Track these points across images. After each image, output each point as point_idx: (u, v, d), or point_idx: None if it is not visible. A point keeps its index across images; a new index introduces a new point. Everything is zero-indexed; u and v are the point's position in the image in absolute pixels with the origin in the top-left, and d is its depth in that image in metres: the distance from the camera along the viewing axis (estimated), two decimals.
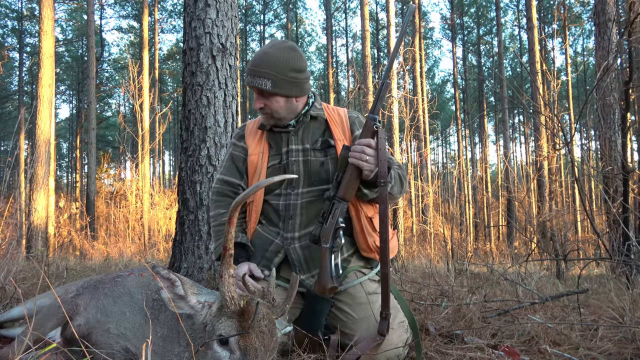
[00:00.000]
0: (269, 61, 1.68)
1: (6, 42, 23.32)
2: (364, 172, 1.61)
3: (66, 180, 33.10)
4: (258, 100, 1.74)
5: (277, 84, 1.69)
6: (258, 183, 1.25)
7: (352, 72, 19.69)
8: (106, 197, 14.51)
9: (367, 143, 1.59)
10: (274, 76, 1.68)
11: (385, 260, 1.57)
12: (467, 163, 25.75)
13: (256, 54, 1.74)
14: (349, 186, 1.63)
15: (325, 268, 1.63)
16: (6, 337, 1.75)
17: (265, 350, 1.19)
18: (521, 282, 2.99)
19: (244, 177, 1.89)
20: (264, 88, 1.69)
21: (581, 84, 24.51)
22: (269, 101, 1.73)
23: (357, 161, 1.58)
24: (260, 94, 1.73)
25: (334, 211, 1.64)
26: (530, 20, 11.86)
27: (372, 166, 1.60)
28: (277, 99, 1.73)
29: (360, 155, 1.58)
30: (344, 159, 1.64)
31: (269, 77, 1.68)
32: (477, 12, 26.83)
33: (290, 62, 1.70)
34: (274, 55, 1.69)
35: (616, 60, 5.65)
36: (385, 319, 1.58)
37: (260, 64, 1.69)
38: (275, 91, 1.70)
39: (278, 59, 1.68)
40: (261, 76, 1.68)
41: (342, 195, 1.64)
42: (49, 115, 8.32)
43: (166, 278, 1.26)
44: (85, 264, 5.50)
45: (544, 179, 10.48)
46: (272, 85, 1.69)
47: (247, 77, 1.74)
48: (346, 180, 1.63)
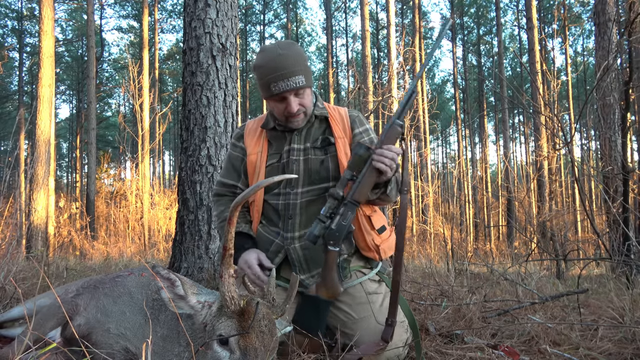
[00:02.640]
0: (291, 58, 1.66)
1: (6, 42, 23.33)
2: (381, 177, 1.57)
3: (66, 180, 33.12)
4: (294, 102, 1.68)
5: (306, 76, 1.69)
6: (258, 183, 1.24)
7: (352, 72, 19.70)
8: (106, 197, 14.50)
9: (397, 151, 1.56)
10: (302, 70, 1.67)
11: (398, 268, 1.56)
12: (467, 163, 25.75)
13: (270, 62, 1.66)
14: (366, 189, 1.58)
15: (333, 271, 1.60)
16: (6, 337, 1.75)
17: (265, 350, 1.19)
18: (521, 282, 2.99)
19: (240, 178, 1.89)
20: (301, 84, 1.66)
21: (581, 84, 24.50)
22: (303, 98, 1.72)
23: (386, 167, 1.53)
24: (296, 94, 1.69)
25: (346, 213, 1.58)
26: (530, 20, 11.85)
27: (391, 176, 1.58)
28: (307, 92, 1.73)
29: (391, 163, 1.54)
30: (361, 159, 1.57)
31: (301, 72, 1.66)
32: (477, 12, 26.83)
33: (302, 53, 1.72)
34: (290, 52, 1.67)
35: (616, 60, 5.65)
36: (390, 326, 1.57)
37: (287, 64, 1.64)
38: (308, 84, 1.69)
39: (296, 54, 1.68)
40: (295, 74, 1.64)
41: (358, 198, 1.58)
42: (49, 115, 8.32)
43: (166, 278, 1.26)
44: (85, 264, 5.49)
45: (544, 179, 10.48)
46: (304, 79, 1.67)
47: (276, 85, 1.65)
48: (364, 182, 1.57)
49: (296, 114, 1.72)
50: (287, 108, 1.69)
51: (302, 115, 1.75)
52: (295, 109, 1.69)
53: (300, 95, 1.70)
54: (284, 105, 1.70)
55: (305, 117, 1.77)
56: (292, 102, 1.68)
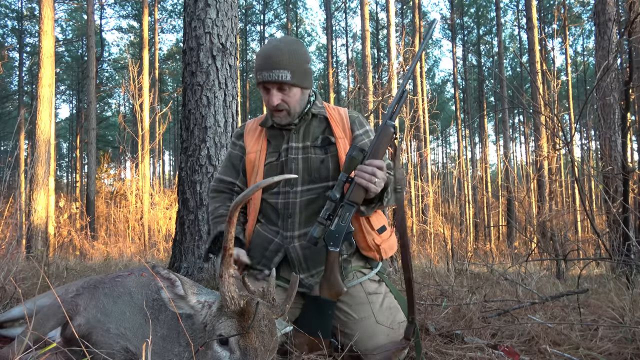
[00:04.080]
0: (284, 53, 1.65)
1: (6, 42, 23.34)
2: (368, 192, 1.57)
3: (66, 180, 33.12)
4: (275, 96, 1.68)
5: (295, 74, 1.66)
6: (258, 183, 1.24)
7: (352, 72, 19.69)
8: (106, 197, 14.50)
9: (378, 165, 1.55)
10: (292, 67, 1.65)
11: (407, 265, 1.56)
12: (467, 163, 25.75)
13: (265, 51, 1.68)
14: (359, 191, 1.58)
15: (336, 272, 1.60)
16: (6, 337, 1.75)
17: (265, 350, 1.19)
18: (521, 282, 2.99)
19: (239, 176, 1.89)
20: (284, 80, 1.64)
21: (581, 84, 24.51)
22: (288, 95, 1.69)
23: (367, 183, 1.54)
24: (279, 89, 1.68)
25: (344, 214, 1.58)
26: (530, 20, 11.85)
27: (378, 189, 1.56)
28: (294, 91, 1.70)
29: (371, 178, 1.53)
30: (355, 161, 1.58)
31: (288, 68, 1.64)
32: (477, 12, 26.84)
33: (302, 53, 1.70)
34: (286, 47, 1.67)
35: (616, 60, 5.65)
36: (412, 323, 1.57)
37: (276, 56, 1.64)
38: (294, 82, 1.67)
39: (292, 51, 1.67)
40: (280, 68, 1.63)
41: (354, 199, 1.58)
42: (49, 115, 8.32)
43: (166, 278, 1.26)
44: (85, 264, 5.49)
45: (544, 179, 10.47)
46: (291, 76, 1.65)
47: (260, 74, 1.66)
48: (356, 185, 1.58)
49: (277, 109, 1.72)
50: (269, 100, 1.70)
51: (285, 112, 1.73)
52: (275, 103, 1.69)
53: (284, 92, 1.69)
54: (267, 96, 1.72)
55: (288, 115, 1.74)
56: (274, 95, 1.68)
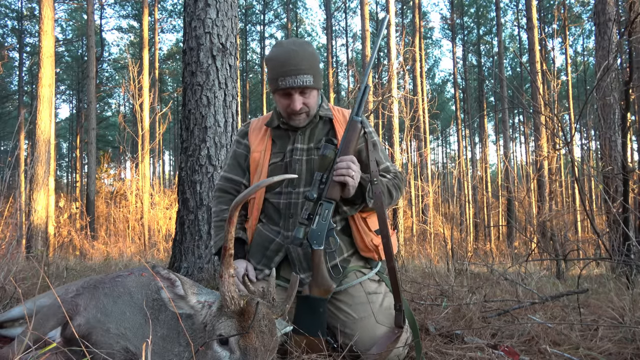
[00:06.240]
0: (303, 58, 1.67)
1: (6, 42, 23.32)
2: (346, 187, 1.61)
3: (66, 180, 33.11)
4: (298, 101, 1.70)
5: (316, 78, 1.70)
6: (259, 183, 1.25)
7: (352, 72, 19.70)
8: (106, 197, 14.50)
9: (351, 159, 1.60)
10: (312, 70, 1.68)
11: (389, 255, 1.60)
12: (467, 163, 25.74)
13: (281, 56, 1.67)
14: (335, 188, 1.62)
15: (322, 270, 1.62)
16: (6, 337, 1.75)
17: (265, 350, 1.19)
18: (521, 282, 2.99)
19: (246, 175, 1.89)
20: (308, 84, 1.67)
21: (581, 84, 24.50)
22: (309, 98, 1.72)
23: (344, 178, 1.58)
24: (301, 93, 1.70)
25: (323, 212, 1.62)
26: (530, 20, 11.85)
27: (356, 182, 1.60)
28: (314, 93, 1.73)
29: (347, 172, 1.58)
30: (328, 159, 1.63)
31: (309, 72, 1.67)
32: (477, 12, 26.83)
33: (316, 54, 1.73)
34: (304, 51, 1.68)
35: (616, 60, 5.65)
36: (400, 311, 1.61)
37: (297, 62, 1.65)
38: (315, 85, 1.70)
39: (309, 54, 1.69)
40: (303, 73, 1.66)
41: (331, 195, 1.62)
42: (49, 115, 8.32)
43: (166, 278, 1.26)
44: (85, 264, 5.49)
45: (544, 179, 10.47)
46: (313, 80, 1.68)
47: (283, 80, 1.66)
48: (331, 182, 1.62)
49: (298, 113, 1.74)
50: (290, 105, 1.71)
51: (304, 115, 1.76)
52: (297, 107, 1.71)
53: (305, 95, 1.71)
54: (288, 101, 1.72)
55: (307, 117, 1.78)
56: (296, 100, 1.70)
